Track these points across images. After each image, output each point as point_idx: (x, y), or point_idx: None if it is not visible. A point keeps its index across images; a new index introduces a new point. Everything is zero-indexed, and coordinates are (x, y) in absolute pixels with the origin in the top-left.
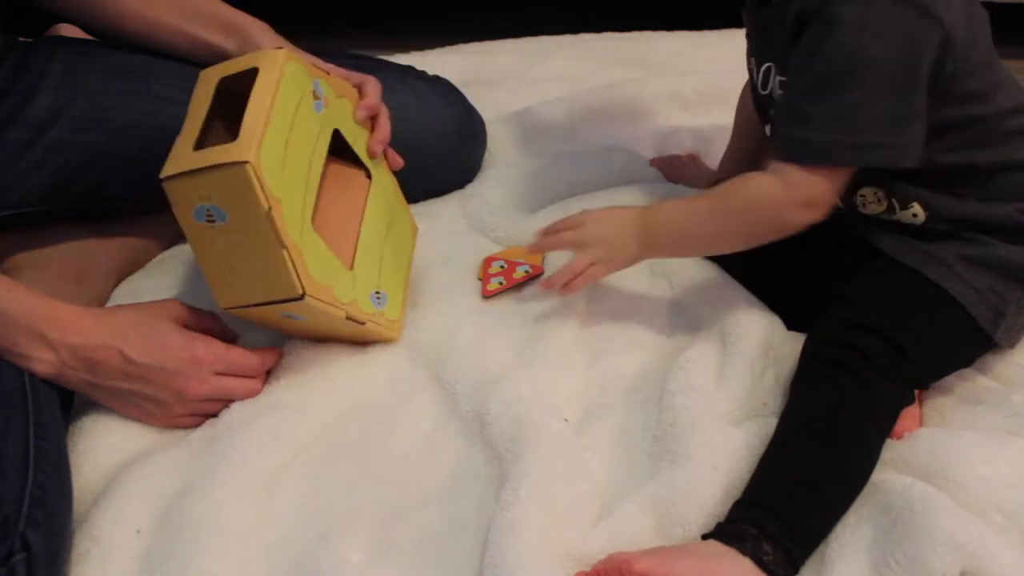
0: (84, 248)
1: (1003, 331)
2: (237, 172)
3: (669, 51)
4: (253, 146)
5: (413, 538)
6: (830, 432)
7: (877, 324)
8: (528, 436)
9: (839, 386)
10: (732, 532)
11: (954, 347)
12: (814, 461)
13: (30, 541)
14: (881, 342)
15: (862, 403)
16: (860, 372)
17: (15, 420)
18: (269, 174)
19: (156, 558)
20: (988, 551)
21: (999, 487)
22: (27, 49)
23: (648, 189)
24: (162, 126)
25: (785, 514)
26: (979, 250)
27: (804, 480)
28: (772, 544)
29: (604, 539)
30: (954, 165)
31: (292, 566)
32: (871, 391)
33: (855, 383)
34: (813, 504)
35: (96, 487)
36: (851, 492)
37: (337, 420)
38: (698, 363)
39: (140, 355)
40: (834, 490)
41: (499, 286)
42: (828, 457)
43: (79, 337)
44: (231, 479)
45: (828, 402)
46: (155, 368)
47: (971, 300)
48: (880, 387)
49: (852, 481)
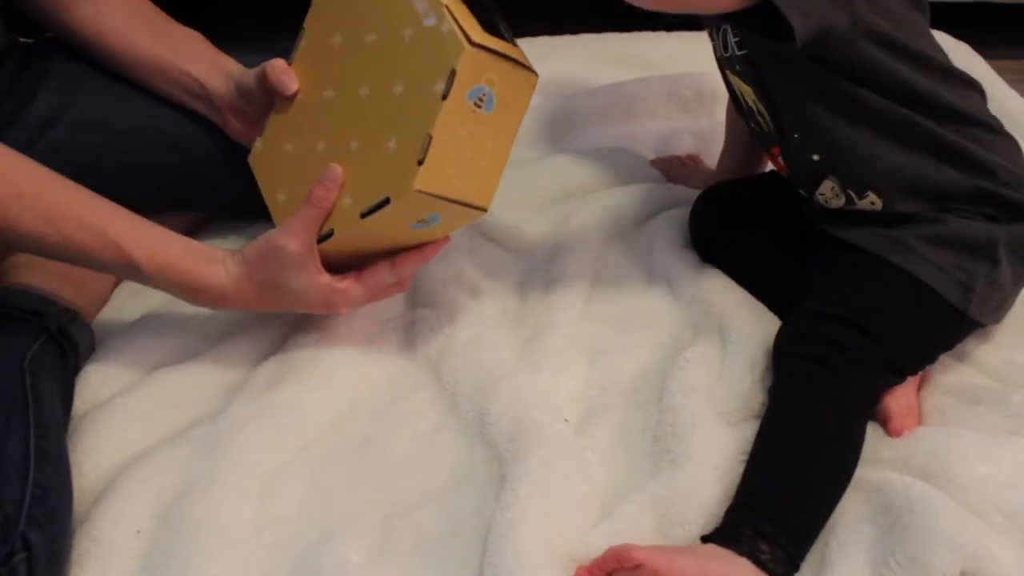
0: None
1: (976, 306)
2: (529, 78)
3: (669, 51)
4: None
5: (413, 538)
6: (811, 426)
7: (844, 313)
8: (528, 436)
9: (813, 378)
10: (729, 535)
11: (928, 328)
12: (799, 458)
13: (31, 541)
14: (850, 330)
15: (838, 393)
16: (832, 362)
17: (16, 420)
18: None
19: (156, 558)
20: (988, 551)
21: (999, 487)
22: (27, 50)
23: (648, 190)
24: (162, 127)
25: (777, 513)
26: (940, 229)
27: (792, 477)
28: (768, 543)
29: (604, 539)
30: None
31: (292, 566)
32: (845, 379)
33: (828, 373)
34: (804, 500)
35: (96, 487)
36: (840, 483)
37: (337, 420)
38: (698, 363)
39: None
40: (823, 483)
41: None
42: (812, 452)
43: (222, 304)
44: (231, 479)
45: (805, 397)
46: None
47: (937, 279)
48: (853, 373)
49: (839, 472)
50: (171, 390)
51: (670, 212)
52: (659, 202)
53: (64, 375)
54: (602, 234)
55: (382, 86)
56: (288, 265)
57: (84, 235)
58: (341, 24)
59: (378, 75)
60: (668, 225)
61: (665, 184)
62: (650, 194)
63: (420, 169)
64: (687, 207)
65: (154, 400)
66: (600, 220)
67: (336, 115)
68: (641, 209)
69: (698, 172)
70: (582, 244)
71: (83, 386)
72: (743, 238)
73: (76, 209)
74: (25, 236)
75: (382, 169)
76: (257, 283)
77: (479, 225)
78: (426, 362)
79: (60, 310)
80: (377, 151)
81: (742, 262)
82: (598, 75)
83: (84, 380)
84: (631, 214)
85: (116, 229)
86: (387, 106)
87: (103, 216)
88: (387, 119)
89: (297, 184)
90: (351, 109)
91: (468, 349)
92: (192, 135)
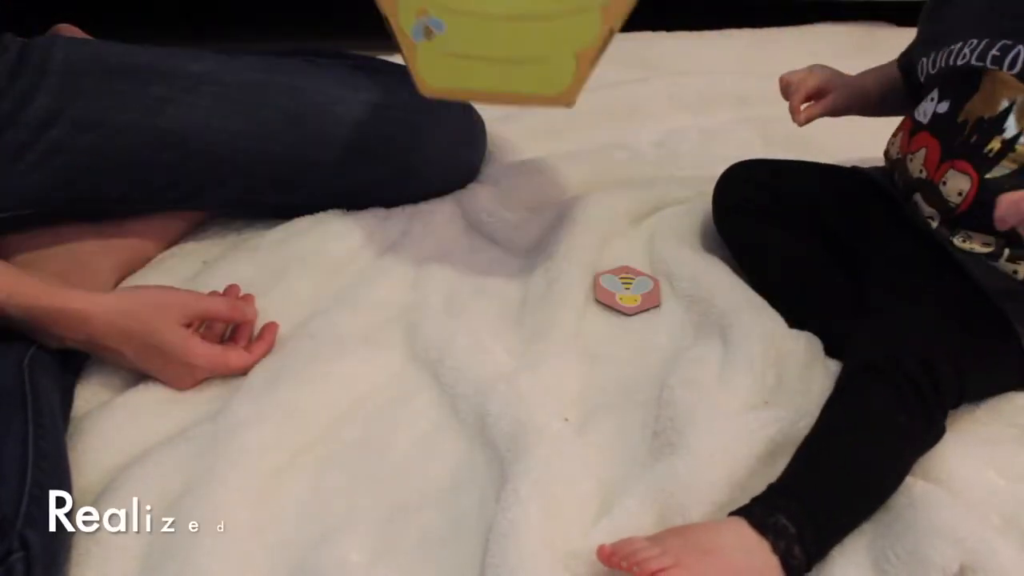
0: (84, 248)
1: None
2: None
3: (669, 51)
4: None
5: (414, 539)
6: (886, 459)
7: (953, 356)
8: (529, 436)
9: (907, 413)
10: (770, 523)
11: (1007, 386)
12: (864, 482)
13: (29, 540)
14: (954, 381)
15: (922, 440)
16: (929, 408)
17: (15, 419)
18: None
19: (156, 558)
20: (988, 545)
21: (998, 490)
22: (27, 49)
23: (647, 189)
24: (161, 126)
25: (824, 523)
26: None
27: (848, 499)
28: (802, 548)
29: (605, 536)
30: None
31: (292, 566)
32: (933, 430)
33: (922, 416)
34: (845, 525)
35: (96, 487)
36: (877, 507)
37: (337, 421)
38: (699, 362)
39: (141, 363)
40: (864, 515)
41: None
42: (877, 482)
43: (83, 334)
44: (231, 479)
45: (895, 423)
46: (156, 371)
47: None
48: (939, 427)
49: (877, 508)
50: (171, 390)
51: (669, 211)
52: (658, 201)
53: (64, 375)
54: (601, 233)
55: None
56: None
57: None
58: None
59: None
60: (668, 224)
61: (666, 184)
62: (649, 193)
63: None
64: (687, 205)
65: (154, 400)
66: (599, 220)
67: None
68: (640, 208)
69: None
70: (581, 244)
71: (83, 386)
72: (773, 221)
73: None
74: None
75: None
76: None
77: (478, 225)
78: (426, 363)
79: None
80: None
81: (764, 242)
82: (598, 75)
83: (84, 380)
84: (630, 214)
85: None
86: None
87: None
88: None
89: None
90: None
91: (468, 349)
92: (192, 134)
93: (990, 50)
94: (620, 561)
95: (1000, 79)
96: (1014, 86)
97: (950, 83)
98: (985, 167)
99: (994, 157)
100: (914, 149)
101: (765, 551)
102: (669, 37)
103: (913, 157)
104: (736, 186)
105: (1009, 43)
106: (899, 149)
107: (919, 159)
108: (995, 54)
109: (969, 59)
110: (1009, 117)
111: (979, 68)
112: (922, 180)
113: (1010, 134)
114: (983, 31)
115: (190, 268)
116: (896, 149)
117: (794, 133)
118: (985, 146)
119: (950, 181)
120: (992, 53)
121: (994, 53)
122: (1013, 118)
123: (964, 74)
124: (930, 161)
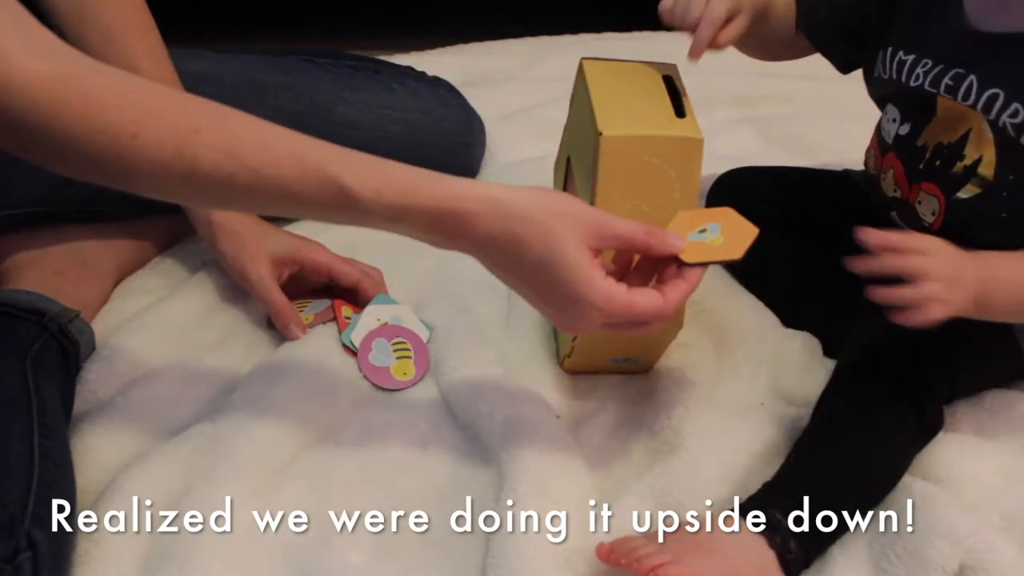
0: (84, 248)
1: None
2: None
3: (669, 51)
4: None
5: (414, 539)
6: (880, 453)
7: (944, 357)
8: (523, 435)
9: (904, 411)
10: (766, 519)
11: (999, 383)
12: (859, 477)
13: (36, 539)
14: (944, 373)
15: (916, 433)
16: (918, 400)
17: (19, 419)
18: None
19: (156, 558)
20: (987, 544)
21: (998, 489)
22: None
23: None
24: None
25: (820, 518)
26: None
27: (844, 493)
28: (798, 543)
29: (604, 535)
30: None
31: (292, 566)
32: (925, 423)
33: (912, 409)
34: (842, 519)
35: (96, 487)
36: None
37: (337, 421)
38: (696, 363)
39: (524, 285)
40: (861, 509)
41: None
42: (872, 477)
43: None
44: (231, 479)
45: (894, 427)
46: (543, 302)
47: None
48: (931, 421)
49: (874, 502)
50: (171, 390)
51: None
52: None
53: (65, 375)
54: None
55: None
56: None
57: (278, 165)
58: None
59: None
60: None
61: None
62: None
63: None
64: None
65: (154, 400)
66: None
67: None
68: None
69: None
70: None
71: (83, 386)
72: (765, 225)
73: (264, 135)
74: (207, 179)
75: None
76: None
77: None
78: None
79: (61, 310)
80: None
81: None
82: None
83: (84, 380)
84: None
85: (318, 153)
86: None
87: (300, 141)
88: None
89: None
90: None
91: (463, 348)
92: None
93: (943, 78)
94: (619, 559)
95: (955, 107)
96: (969, 115)
97: (908, 104)
98: (951, 190)
99: (959, 181)
100: (885, 169)
101: (762, 547)
102: (669, 37)
103: (885, 176)
104: (728, 194)
105: (962, 72)
106: (874, 165)
107: (890, 179)
108: (948, 83)
109: (923, 82)
110: (967, 144)
111: (933, 94)
112: (897, 199)
113: (971, 160)
114: (937, 53)
115: (190, 268)
116: (872, 164)
117: (794, 133)
118: (949, 169)
119: (924, 201)
120: (945, 81)
121: (947, 82)
122: (972, 146)
123: (920, 96)
124: (900, 181)
